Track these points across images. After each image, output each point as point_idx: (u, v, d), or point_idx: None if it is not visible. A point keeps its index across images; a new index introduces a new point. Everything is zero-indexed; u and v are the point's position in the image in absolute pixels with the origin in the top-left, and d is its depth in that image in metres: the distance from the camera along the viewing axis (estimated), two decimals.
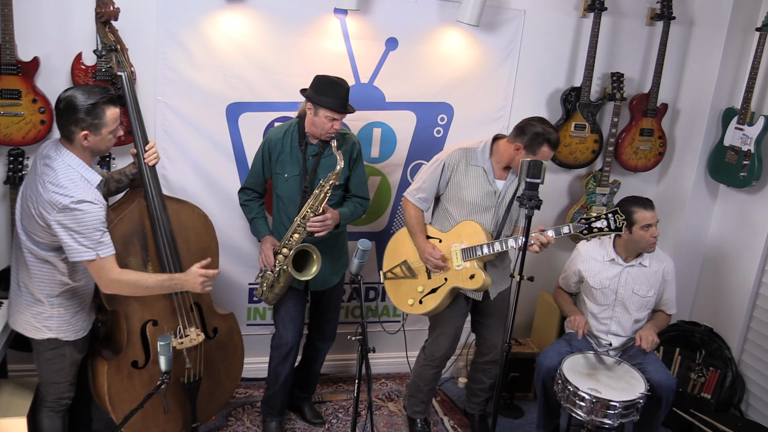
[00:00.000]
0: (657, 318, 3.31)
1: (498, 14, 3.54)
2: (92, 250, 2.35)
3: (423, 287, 3.13)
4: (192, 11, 3.15)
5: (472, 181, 3.05)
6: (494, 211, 3.06)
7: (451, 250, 3.05)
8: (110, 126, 2.39)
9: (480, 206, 3.05)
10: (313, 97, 2.88)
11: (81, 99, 2.31)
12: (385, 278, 3.26)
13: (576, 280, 3.39)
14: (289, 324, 3.16)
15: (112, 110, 2.38)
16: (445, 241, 3.09)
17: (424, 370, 3.35)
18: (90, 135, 2.35)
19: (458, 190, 3.07)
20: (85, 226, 2.32)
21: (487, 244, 2.95)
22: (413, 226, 3.14)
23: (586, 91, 3.69)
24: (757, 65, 3.49)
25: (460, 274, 3.03)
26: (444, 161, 3.07)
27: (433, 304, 3.09)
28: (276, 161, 3.04)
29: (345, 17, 3.35)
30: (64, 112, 2.33)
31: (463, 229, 3.05)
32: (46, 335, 2.51)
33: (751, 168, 3.56)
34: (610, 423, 2.85)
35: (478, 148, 3.07)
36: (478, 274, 2.97)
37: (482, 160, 3.05)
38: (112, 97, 2.39)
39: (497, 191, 3.05)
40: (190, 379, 2.85)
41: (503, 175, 3.07)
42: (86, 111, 2.31)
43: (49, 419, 2.66)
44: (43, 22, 3.00)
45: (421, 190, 3.12)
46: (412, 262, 3.17)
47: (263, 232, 3.14)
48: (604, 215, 2.79)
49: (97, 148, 2.43)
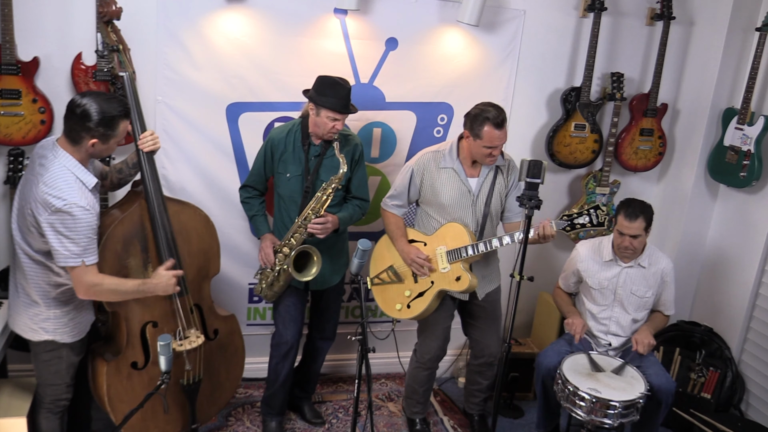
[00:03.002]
0: (654, 319, 3.31)
1: (498, 14, 3.54)
2: (78, 256, 2.34)
3: (410, 291, 3.13)
4: (192, 11, 3.15)
5: (445, 183, 3.06)
6: (472, 210, 3.06)
7: (436, 252, 3.06)
8: (119, 137, 2.43)
9: (457, 207, 3.06)
10: (315, 98, 2.89)
11: (99, 110, 2.32)
12: (372, 284, 3.26)
13: (575, 280, 3.39)
14: (289, 323, 3.16)
15: (125, 124, 2.42)
16: (429, 244, 3.10)
17: (417, 372, 3.35)
18: (98, 143, 2.37)
19: (434, 194, 3.08)
20: (74, 231, 2.31)
21: (471, 245, 2.96)
22: (392, 231, 3.17)
23: (586, 91, 3.68)
24: (757, 65, 3.49)
25: (446, 277, 3.03)
26: (412, 167, 3.11)
27: (421, 308, 3.09)
28: (278, 161, 3.04)
29: (345, 17, 3.34)
30: (79, 117, 2.32)
31: (447, 232, 3.05)
32: (42, 337, 2.51)
33: (751, 168, 3.56)
34: (610, 423, 2.85)
35: (446, 150, 3.09)
36: (464, 276, 2.98)
37: (451, 161, 3.06)
38: (128, 110, 2.45)
39: (471, 190, 3.05)
40: (189, 381, 2.85)
41: (474, 172, 3.07)
42: (101, 122, 2.33)
43: (46, 420, 2.66)
44: (43, 22, 3.00)
45: (394, 197, 3.17)
46: (398, 266, 3.17)
47: (263, 229, 3.14)
48: (587, 211, 2.83)
49: (99, 155, 2.46)
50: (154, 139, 2.65)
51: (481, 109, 2.91)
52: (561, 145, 3.77)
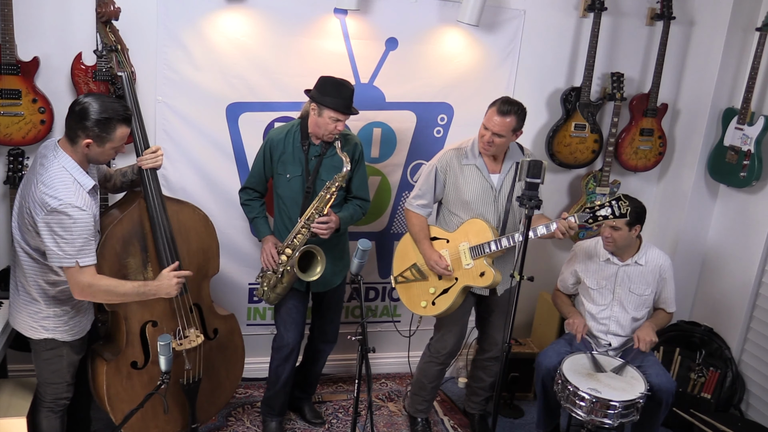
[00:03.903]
0: (657, 316, 3.31)
1: (498, 14, 3.54)
2: (72, 257, 2.34)
3: (435, 288, 3.14)
4: (192, 11, 3.15)
5: (469, 180, 3.06)
6: (494, 206, 3.07)
7: (459, 249, 3.06)
8: (115, 143, 2.40)
9: (480, 203, 3.06)
10: (317, 98, 2.88)
11: (97, 110, 2.31)
12: (396, 282, 3.26)
13: (573, 281, 3.39)
14: (290, 326, 3.15)
15: (123, 129, 2.39)
16: (452, 241, 3.10)
17: (429, 366, 3.34)
18: (93, 145, 2.35)
19: (457, 192, 3.08)
20: (70, 232, 2.31)
21: (494, 240, 2.96)
22: (416, 233, 3.16)
23: (586, 91, 3.68)
24: (757, 65, 3.49)
25: (470, 273, 3.03)
26: (436, 166, 3.11)
27: (445, 305, 3.09)
28: (278, 161, 3.04)
29: (345, 17, 3.34)
30: (76, 115, 2.32)
31: (469, 228, 3.06)
32: (43, 335, 2.51)
33: (751, 168, 3.56)
34: (610, 423, 2.85)
35: (468, 147, 3.09)
36: (488, 271, 2.98)
37: (473, 158, 3.07)
38: (128, 116, 2.41)
39: (493, 186, 3.06)
40: (189, 381, 2.85)
41: (496, 168, 3.09)
42: (97, 122, 2.32)
43: (47, 419, 2.66)
44: (43, 22, 3.00)
45: (419, 197, 3.16)
46: (422, 264, 3.17)
47: (264, 231, 3.14)
48: (608, 203, 2.80)
49: (96, 159, 2.44)
50: (155, 157, 2.64)
51: (502, 98, 2.97)
52: (561, 145, 3.77)
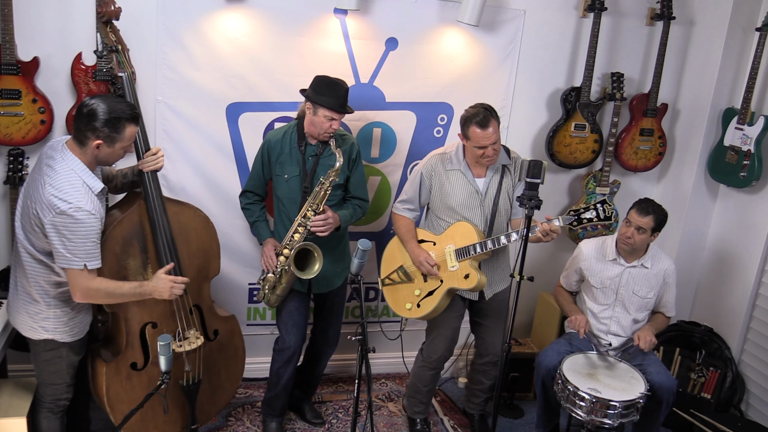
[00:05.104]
0: (656, 319, 3.31)
1: (498, 14, 3.54)
2: (81, 260, 2.34)
3: (420, 291, 3.14)
4: (192, 11, 3.15)
5: (454, 185, 3.08)
6: (480, 210, 3.08)
7: (445, 251, 3.07)
8: (125, 142, 2.41)
9: (466, 207, 3.08)
10: (312, 97, 2.89)
11: (105, 110, 2.31)
12: (383, 285, 3.28)
13: (577, 278, 3.39)
14: (291, 328, 3.15)
15: (132, 128, 2.40)
16: (438, 244, 3.11)
17: (422, 371, 3.35)
18: (103, 146, 2.36)
19: (443, 197, 3.10)
20: (77, 234, 2.31)
21: (479, 243, 2.97)
22: (403, 234, 3.19)
23: (586, 91, 3.68)
24: (757, 65, 3.49)
25: (455, 275, 3.04)
26: (421, 172, 3.14)
27: (430, 307, 3.09)
28: (276, 163, 3.04)
29: (345, 17, 3.34)
30: (85, 117, 2.32)
31: (455, 231, 3.07)
32: (42, 336, 2.51)
33: (751, 168, 3.56)
34: (610, 423, 2.85)
35: (452, 152, 3.11)
36: (473, 274, 2.99)
37: (457, 163, 3.08)
38: (136, 115, 2.42)
39: (479, 190, 3.07)
40: (189, 382, 2.84)
41: (481, 172, 3.10)
42: (107, 122, 2.32)
43: (47, 420, 2.66)
44: (43, 22, 3.00)
45: (406, 202, 3.19)
46: (408, 266, 3.18)
47: (265, 234, 3.14)
48: (593, 206, 2.81)
49: (105, 160, 2.44)
50: (156, 160, 2.64)
51: (468, 112, 2.96)
52: (561, 145, 3.77)
